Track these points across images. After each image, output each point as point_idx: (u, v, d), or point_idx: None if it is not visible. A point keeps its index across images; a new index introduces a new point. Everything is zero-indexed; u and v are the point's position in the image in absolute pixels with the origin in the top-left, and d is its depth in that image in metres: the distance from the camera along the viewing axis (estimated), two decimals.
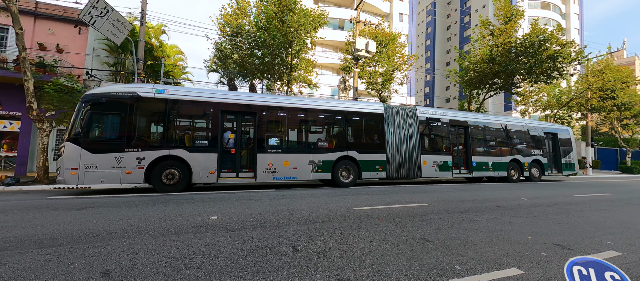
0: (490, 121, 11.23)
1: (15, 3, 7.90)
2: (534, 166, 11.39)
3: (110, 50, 13.15)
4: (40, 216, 3.96)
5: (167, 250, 2.72)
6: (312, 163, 7.83)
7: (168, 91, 6.92)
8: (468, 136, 10.33)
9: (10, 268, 2.27)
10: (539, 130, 12.07)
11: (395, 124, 9.11)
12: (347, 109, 8.76)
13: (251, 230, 3.44)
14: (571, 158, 12.42)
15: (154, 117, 6.77)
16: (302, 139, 8.12)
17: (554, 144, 12.29)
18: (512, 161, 10.95)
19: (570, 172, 12.43)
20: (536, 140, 11.83)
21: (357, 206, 5.07)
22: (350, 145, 8.45)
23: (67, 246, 2.78)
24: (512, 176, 10.89)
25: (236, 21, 14.68)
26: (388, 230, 3.57)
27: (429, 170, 9.32)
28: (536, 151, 11.63)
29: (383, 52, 15.85)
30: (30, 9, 11.41)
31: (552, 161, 12.17)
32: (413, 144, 9.15)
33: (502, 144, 11.08)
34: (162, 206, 4.78)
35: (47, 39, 11.77)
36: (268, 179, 7.38)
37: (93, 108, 6.24)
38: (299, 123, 8.13)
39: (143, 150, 6.38)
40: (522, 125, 11.78)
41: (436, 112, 10.18)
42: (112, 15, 9.24)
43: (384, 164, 8.68)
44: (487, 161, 10.46)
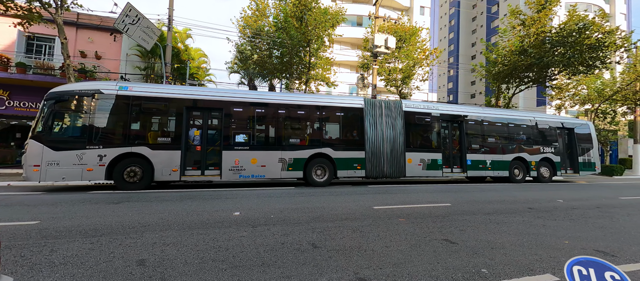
0: (490, 115, 10.19)
1: (60, 15, 8.72)
2: (543, 165, 10.23)
3: (142, 55, 14.06)
4: (83, 209, 4.36)
5: (194, 243, 2.88)
6: (283, 161, 7.48)
7: (132, 88, 6.86)
8: (463, 132, 9.35)
9: (60, 254, 2.53)
10: (551, 125, 10.74)
11: (377, 119, 8.43)
12: (321, 103, 8.29)
13: (272, 226, 3.53)
14: (591, 156, 10.90)
15: (116, 114, 6.66)
16: (272, 135, 7.76)
17: (570, 141, 10.87)
18: (516, 160, 9.87)
19: (590, 172, 10.91)
20: (546, 136, 10.59)
21: (376, 205, 5.00)
22: (325, 142, 8.00)
23: (107, 236, 3.04)
24: (515, 176, 9.80)
25: (256, 23, 15.03)
26: (409, 230, 3.48)
27: (414, 169, 8.56)
28: (546, 148, 10.35)
29: (403, 47, 15.42)
30: (73, 20, 12.52)
31: (568, 160, 10.79)
32: (397, 140, 8.42)
33: (505, 140, 10.01)
34: (190, 202, 5.05)
35: (87, 46, 12.86)
36: (234, 177, 7.12)
37: (56, 106, 6.28)
38: (269, 119, 7.79)
39: (104, 147, 6.34)
40: (530, 119, 10.56)
41: (425, 106, 9.48)
42: (143, 22, 9.87)
43: (363, 162, 8.06)
44: (484, 160, 9.44)
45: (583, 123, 11.61)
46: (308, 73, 14.25)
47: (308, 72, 14.23)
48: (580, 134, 11.02)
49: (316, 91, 16.41)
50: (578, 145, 10.79)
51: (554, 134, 10.68)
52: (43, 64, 12.16)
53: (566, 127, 10.94)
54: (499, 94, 16.39)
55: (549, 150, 10.38)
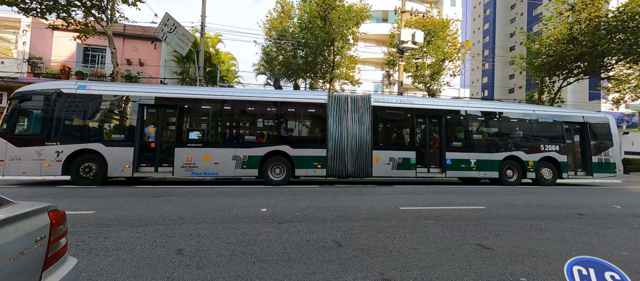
0: (477, 108, 9.21)
1: (110, 27, 9.74)
2: (544, 165, 8.79)
3: (178, 60, 15.16)
4: (131, 202, 4.84)
5: (225, 236, 3.05)
6: (236, 158, 7.27)
7: (89, 87, 7.14)
8: (442, 128, 8.48)
9: (113, 241, 2.84)
10: (556, 119, 9.23)
11: (342, 115, 7.93)
12: (281, 99, 7.99)
13: (297, 224, 3.61)
14: (610, 155, 9.15)
15: (74, 112, 6.93)
16: (226, 132, 7.67)
17: (583, 137, 9.29)
18: (509, 159, 8.62)
19: (608, 174, 9.19)
20: (549, 132, 9.14)
21: (403, 206, 4.86)
22: (283, 139, 7.64)
23: (151, 227, 3.35)
24: (508, 178, 8.61)
25: (281, 24, 15.38)
26: (438, 233, 3.34)
27: (383, 168, 7.91)
28: (549, 146, 8.86)
29: (432, 41, 14.70)
30: (120, 32, 13.90)
31: (579, 159, 9.24)
32: (363, 137, 7.83)
33: (494, 137, 8.91)
34: (220, 198, 5.35)
35: (132, 55, 14.21)
36: (186, 174, 7.11)
37: (20, 104, 6.70)
38: (224, 116, 7.69)
39: (62, 144, 6.60)
40: (530, 113, 9.23)
41: (398, 100, 8.76)
42: (179, 30, 10.64)
43: (324, 160, 7.59)
44: (467, 159, 8.35)
45: (600, 116, 9.90)
46: (332, 72, 14.25)
47: (332, 71, 14.22)
48: (596, 129, 9.32)
49: (341, 90, 16.36)
50: (591, 142, 9.10)
51: (559, 130, 9.13)
52: (97, 71, 13.70)
53: (576, 122, 9.37)
54: (543, 87, 14.90)
55: (553, 148, 8.85)
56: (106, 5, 9.68)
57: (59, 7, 9.17)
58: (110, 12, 9.77)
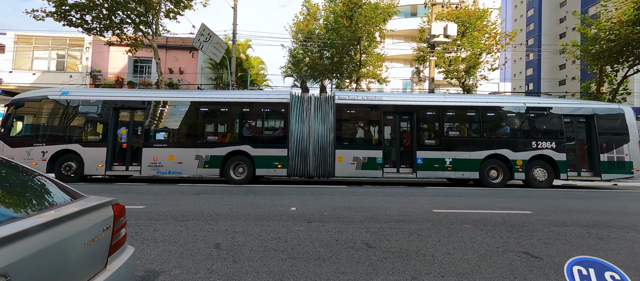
0: (454, 102, 8.28)
1: (155, 40, 10.77)
2: (537, 164, 7.68)
3: (212, 67, 16.22)
4: (175, 198, 5.30)
5: (258, 233, 3.20)
6: (199, 158, 7.49)
7: (71, 93, 7.83)
8: (414, 125, 7.89)
9: (160, 233, 3.14)
10: (553, 111, 7.94)
11: (304, 114, 7.78)
12: (242, 99, 8.13)
13: (326, 223, 3.64)
14: (625, 152, 7.66)
15: (58, 116, 7.64)
16: (190, 133, 7.93)
17: (589, 132, 7.95)
18: (492, 158, 7.69)
19: (621, 175, 7.74)
20: (544, 127, 8.01)
21: (436, 208, 4.63)
22: (244, 139, 7.70)
23: (192, 221, 3.64)
24: (491, 179, 7.69)
25: (307, 27, 15.61)
26: (477, 238, 3.12)
27: (346, 168, 7.61)
28: (543, 142, 7.71)
29: (467, 34, 13.76)
30: (163, 43, 15.29)
31: (584, 158, 7.93)
32: (326, 137, 7.62)
33: (475, 133, 8.05)
34: (252, 196, 5.60)
35: (173, 64, 15.54)
36: (152, 172, 7.51)
37: (15, 110, 7.56)
38: (187, 117, 7.93)
39: (46, 145, 7.35)
40: (519, 105, 8.09)
41: (365, 97, 8.31)
42: (213, 39, 11.38)
43: (285, 160, 7.53)
44: (442, 158, 7.67)
45: (612, 107, 8.27)
46: (358, 71, 14.08)
47: (358, 70, 14.05)
48: (606, 122, 7.88)
49: (367, 88, 16.09)
50: (599, 137, 7.72)
51: (556, 124, 7.89)
52: (144, 81, 15.24)
53: (581, 115, 8.04)
54: (602, 77, 13.07)
55: (547, 145, 7.68)
56: (151, 21, 10.74)
57: (114, 25, 10.40)
58: (155, 26, 10.81)
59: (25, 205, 1.24)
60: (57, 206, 1.27)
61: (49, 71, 15.26)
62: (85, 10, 9.78)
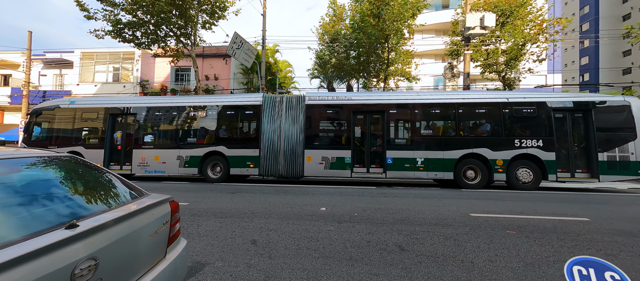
0: (427, 99, 7.82)
1: (193, 50, 11.68)
2: (520, 164, 7.05)
3: (244, 72, 17.08)
4: (213, 197, 5.71)
5: (290, 231, 3.32)
6: (180, 158, 8.14)
7: (78, 102, 8.90)
8: (384, 124, 7.68)
9: (203, 229, 3.43)
10: (541, 106, 7.19)
11: (275, 116, 8.02)
12: (218, 102, 8.62)
13: (356, 224, 3.65)
14: (629, 150, 6.74)
15: (66, 122, 8.70)
16: (172, 135, 8.60)
17: (587, 129, 7.12)
18: (469, 157, 7.23)
19: (624, 176, 6.82)
20: (529, 123, 7.29)
21: (474, 212, 4.36)
22: (219, 140, 8.18)
23: (229, 218, 3.91)
24: (468, 180, 7.22)
25: (333, 28, 15.66)
26: (523, 246, 2.89)
27: (315, 168, 7.69)
28: (528, 140, 7.06)
29: (507, 23, 12.66)
30: (200, 53, 16.50)
31: (579, 157, 7.08)
32: (295, 137, 7.77)
33: (450, 131, 7.56)
34: (284, 195, 5.81)
35: (209, 71, 16.68)
36: (141, 172, 8.24)
37: (36, 118, 8.80)
38: (170, 120, 8.66)
39: (58, 147, 8.32)
40: (501, 100, 7.39)
41: (334, 97, 8.39)
42: (245, 46, 11.99)
43: (257, 160, 7.86)
44: (413, 157, 7.40)
45: (615, 100, 7.16)
46: (386, 70, 13.75)
47: (386, 68, 13.72)
48: (607, 117, 7.02)
49: (396, 87, 15.63)
50: (596, 134, 6.89)
51: (543, 120, 7.16)
52: (184, 88, 16.60)
53: (576, 109, 7.17)
54: None
55: (533, 143, 7.03)
56: (190, 33, 11.67)
57: (159, 39, 11.51)
58: (193, 37, 11.73)
59: (104, 200, 1.48)
60: (128, 201, 1.48)
61: (107, 82, 17.40)
62: (136, 27, 10.99)
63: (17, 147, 9.87)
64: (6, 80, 18.95)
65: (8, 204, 1.13)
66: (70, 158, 1.62)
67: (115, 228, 1.17)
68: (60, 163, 1.55)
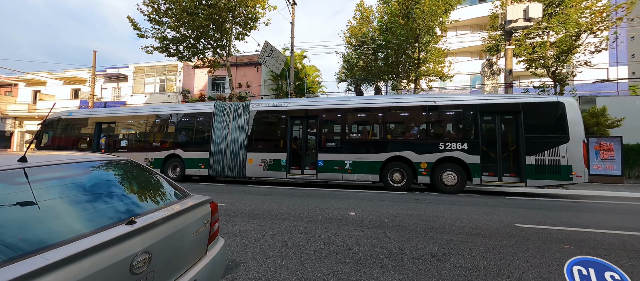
0: (356, 104, 8.12)
1: (228, 60, 12.45)
2: (446, 168, 7.06)
3: (273, 79, 17.72)
4: (246, 198, 5.98)
5: (320, 235, 3.34)
6: (147, 160, 9.19)
7: (74, 114, 10.28)
8: (318, 128, 8.11)
9: (237, 229, 3.60)
10: (467, 108, 7.16)
11: (224, 122, 8.80)
12: (176, 111, 9.63)
13: (387, 230, 3.53)
14: (561, 154, 6.38)
15: (66, 131, 10.12)
16: (142, 140, 9.65)
17: (516, 131, 6.85)
18: (395, 160, 7.37)
19: (553, 181, 6.45)
20: (455, 125, 7.42)
21: (521, 223, 3.95)
22: (178, 144, 9.18)
23: (261, 220, 4.05)
24: (394, 182, 7.37)
25: (360, 31, 15.54)
26: None
27: (255, 169, 8.35)
28: (453, 143, 7.07)
29: (557, 13, 11.39)
30: (234, 62, 17.54)
31: (508, 160, 6.86)
32: (239, 141, 8.52)
33: (377, 135, 7.73)
34: (312, 199, 5.86)
35: (241, 78, 17.63)
36: None
37: (44, 127, 10.31)
38: (140, 127, 9.75)
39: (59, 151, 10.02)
40: (428, 103, 7.43)
41: (275, 103, 8.70)
42: (275, 53, 12.47)
43: (207, 161, 8.70)
44: (342, 160, 7.74)
45: (547, 100, 6.84)
46: (417, 70, 13.21)
47: (417, 69, 13.19)
48: (537, 118, 6.73)
49: (428, 87, 14.93)
50: (527, 137, 6.66)
51: (469, 122, 7.14)
52: (220, 95, 17.75)
53: (503, 111, 6.99)
54: None
55: (458, 146, 7.01)
56: (225, 44, 12.49)
57: (199, 52, 12.51)
58: (228, 48, 12.53)
59: (154, 199, 1.64)
60: (174, 201, 1.62)
61: (154, 92, 19.34)
62: (179, 42, 12.11)
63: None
64: (76, 93, 22.10)
65: (80, 202, 1.31)
66: (127, 161, 1.83)
67: (166, 225, 1.29)
68: (118, 165, 1.75)
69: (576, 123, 6.45)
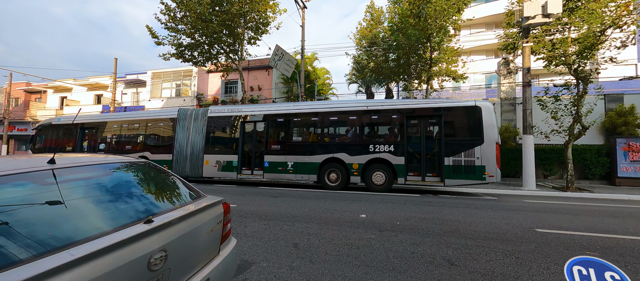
0: (298, 110, 8.63)
1: (240, 65, 12.73)
2: (375, 168, 7.50)
3: (284, 82, 17.93)
4: (257, 200, 6.07)
5: (330, 237, 3.33)
6: None
7: (62, 119, 11.33)
8: (266, 132, 8.75)
9: (249, 229, 3.66)
10: (394, 113, 7.61)
11: (185, 126, 9.46)
12: (144, 117, 10.37)
13: (399, 233, 3.48)
14: (475, 155, 6.69)
15: (55, 135, 11.14)
16: (117, 143, 10.48)
17: (439, 133, 7.24)
18: (331, 161, 7.93)
19: (469, 180, 6.72)
20: (383, 129, 7.90)
21: (542, 228, 3.78)
22: (147, 147, 9.92)
23: (273, 221, 4.10)
24: (331, 182, 7.90)
25: (371, 32, 15.46)
26: None
27: (211, 170, 8.97)
28: (381, 146, 7.51)
29: (578, 8, 10.84)
30: (246, 66, 17.89)
31: (430, 161, 7.25)
32: (198, 144, 9.20)
33: (314, 138, 8.29)
34: (323, 201, 5.86)
35: (253, 82, 17.95)
36: None
37: (38, 132, 11.37)
38: (114, 131, 10.68)
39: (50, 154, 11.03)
40: (360, 108, 7.94)
41: (230, 109, 9.34)
42: (285, 57, 12.62)
43: (170, 163, 9.26)
44: (284, 161, 8.34)
45: (465, 105, 7.15)
46: (429, 70, 12.96)
47: (429, 69, 12.94)
48: (456, 122, 7.18)
49: (440, 87, 14.61)
50: (446, 139, 7.08)
51: (396, 126, 7.67)
52: (232, 99, 18.14)
53: (427, 115, 7.43)
54: None
55: (385, 148, 7.52)
56: (238, 48, 12.79)
57: (212, 57, 12.87)
58: (240, 53, 12.82)
59: (170, 199, 1.70)
60: (188, 202, 1.68)
61: (171, 97, 20.04)
62: (194, 48, 12.51)
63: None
64: (99, 99, 23.28)
65: (102, 201, 1.39)
66: (145, 163, 1.91)
67: (181, 225, 1.34)
68: (137, 167, 1.83)
69: (490, 126, 6.81)
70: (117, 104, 20.14)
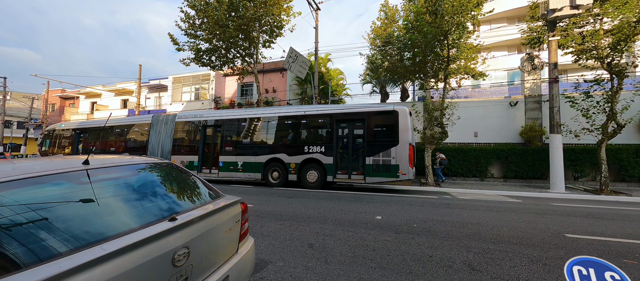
0: (247, 115, 9.56)
1: (255, 68, 13.00)
2: (309, 167, 8.29)
3: (298, 83, 18.08)
4: (274, 200, 6.16)
5: (346, 238, 3.32)
6: None
7: (64, 125, 12.64)
8: (222, 135, 9.71)
9: (266, 229, 3.72)
10: (326, 117, 8.46)
11: (157, 130, 10.51)
12: (125, 123, 11.69)
13: (416, 236, 3.40)
14: (391, 155, 7.46)
15: (59, 138, 12.46)
16: (103, 145, 11.56)
17: (363, 135, 7.94)
18: (273, 161, 8.72)
19: (386, 178, 7.46)
20: (316, 132, 8.64)
21: (571, 233, 3.54)
22: (127, 149, 11.11)
23: (288, 221, 4.14)
24: (273, 180, 8.71)
25: (385, 31, 15.24)
26: None
27: None
28: (314, 147, 8.30)
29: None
30: (261, 69, 18.24)
31: (356, 161, 7.93)
32: (167, 146, 10.20)
33: (259, 140, 9.19)
34: (338, 202, 5.85)
35: (268, 84, 18.26)
36: None
37: (45, 135, 12.82)
38: (104, 135, 11.67)
39: (54, 156, 10.22)
40: (298, 113, 8.80)
41: (193, 115, 10.32)
42: (299, 59, 12.74)
43: None
44: (235, 161, 9.24)
45: (385, 109, 7.92)
46: (447, 68, 12.56)
47: (446, 67, 12.54)
48: (378, 125, 7.86)
49: (458, 86, 14.10)
50: (368, 140, 7.77)
51: (327, 129, 8.41)
52: (247, 101, 18.56)
53: (354, 119, 8.08)
54: None
55: (317, 149, 8.25)
56: (253, 52, 13.09)
57: (229, 61, 13.26)
58: (255, 56, 13.10)
59: (191, 199, 1.77)
60: (208, 201, 1.74)
61: (190, 100, 20.84)
62: (211, 53, 12.95)
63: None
64: (125, 103, 24.67)
65: (130, 199, 1.47)
66: (168, 164, 2.01)
67: (202, 223, 1.39)
68: (161, 168, 1.93)
69: (405, 129, 7.45)
70: (141, 108, 21.23)
